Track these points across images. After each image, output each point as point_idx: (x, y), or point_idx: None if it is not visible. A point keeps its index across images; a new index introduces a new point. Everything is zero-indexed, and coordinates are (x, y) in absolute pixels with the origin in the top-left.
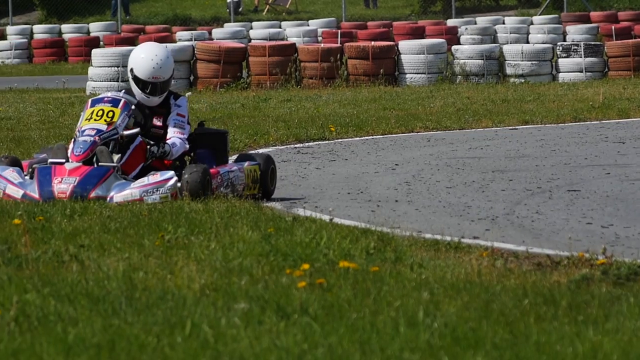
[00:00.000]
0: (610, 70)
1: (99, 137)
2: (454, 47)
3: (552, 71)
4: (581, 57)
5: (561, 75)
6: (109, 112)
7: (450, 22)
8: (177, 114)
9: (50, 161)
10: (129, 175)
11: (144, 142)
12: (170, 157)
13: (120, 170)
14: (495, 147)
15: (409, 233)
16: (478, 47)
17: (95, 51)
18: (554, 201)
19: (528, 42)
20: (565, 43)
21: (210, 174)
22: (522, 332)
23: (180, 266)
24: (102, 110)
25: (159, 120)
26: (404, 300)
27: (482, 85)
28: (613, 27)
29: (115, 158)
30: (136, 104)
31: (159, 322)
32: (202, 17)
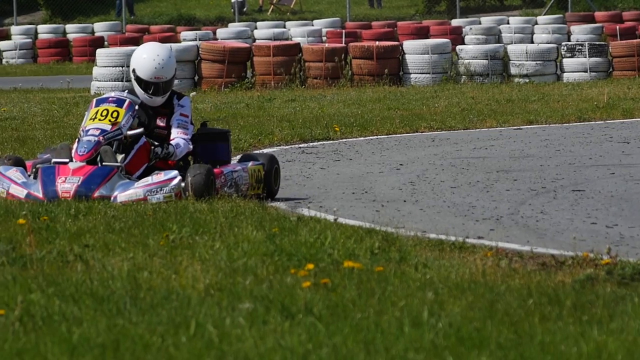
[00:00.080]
0: (615, 70)
1: (103, 137)
2: (458, 47)
3: (556, 71)
4: (586, 57)
5: (565, 75)
6: (114, 112)
7: (455, 22)
8: (181, 114)
9: (54, 161)
10: (133, 175)
11: (148, 143)
12: (174, 158)
13: (124, 170)
14: (499, 147)
15: (414, 233)
16: (482, 47)
17: (99, 51)
18: (559, 201)
19: (532, 42)
20: (570, 43)
21: (214, 174)
22: (526, 332)
23: (184, 266)
24: (107, 110)
25: (163, 121)
26: (409, 300)
27: (487, 85)
28: (617, 27)
29: (119, 158)
30: (140, 104)
31: (163, 322)
32: (206, 17)
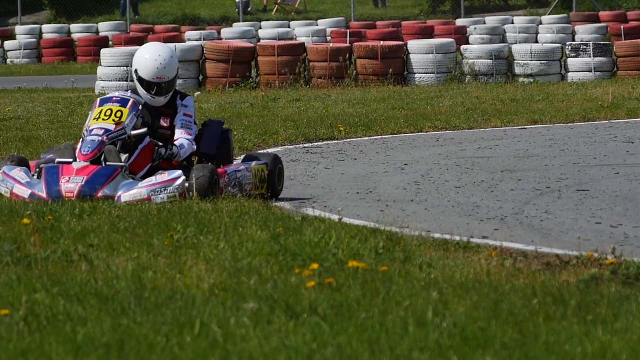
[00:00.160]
0: (620, 70)
1: (107, 136)
2: (463, 47)
3: (561, 71)
4: (590, 57)
5: (570, 75)
6: (117, 112)
7: (460, 22)
8: (184, 115)
9: (58, 161)
10: (137, 175)
11: (153, 143)
12: (178, 159)
13: (128, 170)
14: (504, 147)
15: (418, 233)
16: (487, 47)
17: (104, 51)
18: (563, 201)
19: (537, 42)
20: (575, 43)
21: (218, 174)
22: (531, 332)
23: (189, 266)
24: (111, 110)
25: (166, 121)
26: (413, 300)
27: (491, 85)
28: (622, 27)
29: (123, 158)
30: (144, 105)
31: (168, 322)
32: (211, 17)
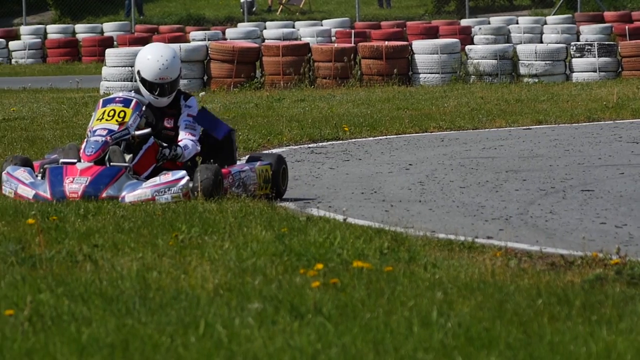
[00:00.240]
0: (624, 70)
1: (111, 137)
2: (467, 47)
3: (565, 71)
4: (595, 57)
5: (575, 75)
6: (121, 112)
7: (464, 22)
8: (188, 115)
9: (61, 161)
10: (141, 176)
11: (157, 144)
12: (182, 160)
13: (132, 170)
14: (509, 147)
15: (423, 233)
16: (492, 47)
17: (109, 51)
18: (568, 201)
19: (542, 42)
20: (579, 43)
21: (222, 174)
22: (535, 332)
23: (194, 266)
24: (114, 111)
25: (170, 122)
26: (418, 300)
27: (496, 85)
28: (627, 27)
29: (127, 158)
30: (147, 105)
31: (172, 322)
32: (215, 17)
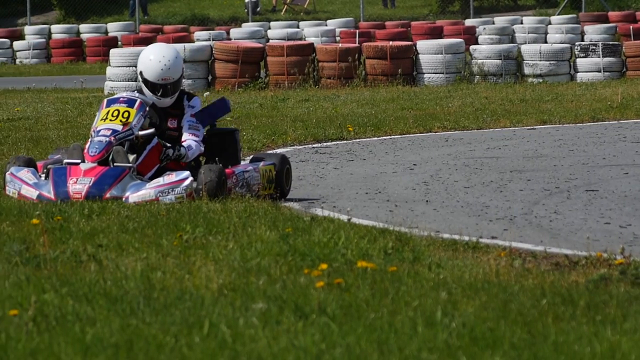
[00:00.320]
0: (629, 70)
1: (115, 137)
2: (472, 47)
3: (570, 71)
4: (599, 57)
5: (579, 75)
6: (125, 112)
7: (469, 22)
8: (192, 115)
9: (65, 161)
10: (145, 176)
11: (160, 144)
12: (186, 160)
13: (135, 171)
14: (513, 147)
15: (427, 233)
16: (496, 47)
17: (113, 51)
18: (572, 201)
19: (546, 42)
20: (584, 43)
21: (225, 174)
22: (540, 332)
23: (198, 266)
24: (118, 111)
25: (173, 122)
26: (422, 300)
27: (500, 85)
28: (631, 27)
29: (131, 158)
30: (151, 105)
31: (177, 322)
32: (220, 17)
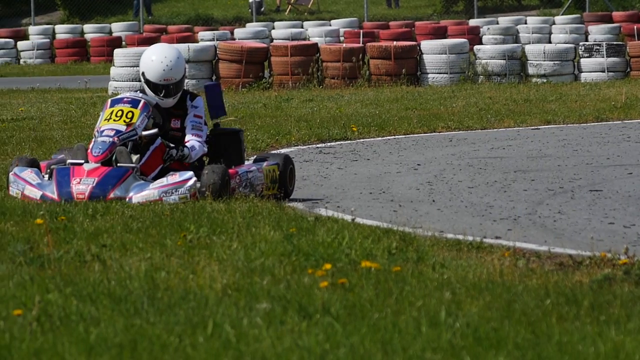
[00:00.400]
0: (633, 70)
1: (118, 137)
2: (476, 47)
3: (574, 71)
4: (603, 57)
5: (583, 75)
6: (128, 112)
7: (473, 22)
8: (194, 115)
9: (68, 162)
10: (148, 177)
11: (164, 144)
12: (189, 161)
13: (139, 171)
14: (517, 147)
15: (431, 233)
16: (500, 47)
17: (117, 51)
18: (576, 201)
19: (550, 42)
20: (588, 43)
21: (229, 174)
22: (544, 332)
23: (202, 266)
24: (122, 111)
25: (176, 123)
26: (426, 300)
27: (504, 85)
28: (635, 27)
29: (134, 159)
30: (155, 105)
31: (181, 322)
32: (224, 17)
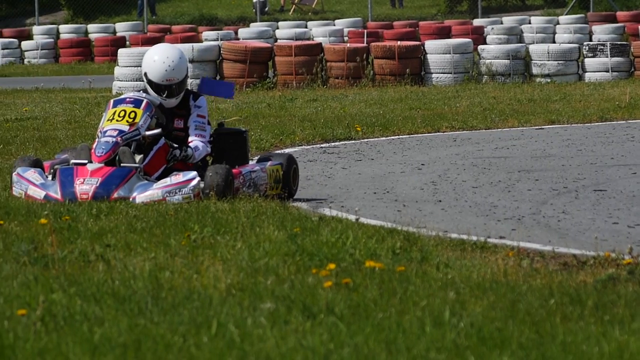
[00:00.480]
0: (637, 70)
1: (121, 137)
2: (480, 47)
3: (578, 71)
4: (607, 57)
5: (587, 75)
6: (131, 112)
7: (477, 22)
8: (198, 115)
9: (72, 162)
10: (152, 177)
11: (167, 144)
12: (193, 161)
13: (142, 171)
14: (521, 146)
15: (435, 233)
16: (504, 46)
17: (121, 51)
18: (580, 201)
19: (554, 41)
20: (592, 43)
21: (232, 174)
22: (548, 332)
23: (206, 266)
24: (124, 111)
25: (180, 122)
26: (430, 300)
27: (508, 85)
28: (639, 27)
29: (138, 159)
30: (158, 105)
31: (185, 322)
32: (228, 17)
